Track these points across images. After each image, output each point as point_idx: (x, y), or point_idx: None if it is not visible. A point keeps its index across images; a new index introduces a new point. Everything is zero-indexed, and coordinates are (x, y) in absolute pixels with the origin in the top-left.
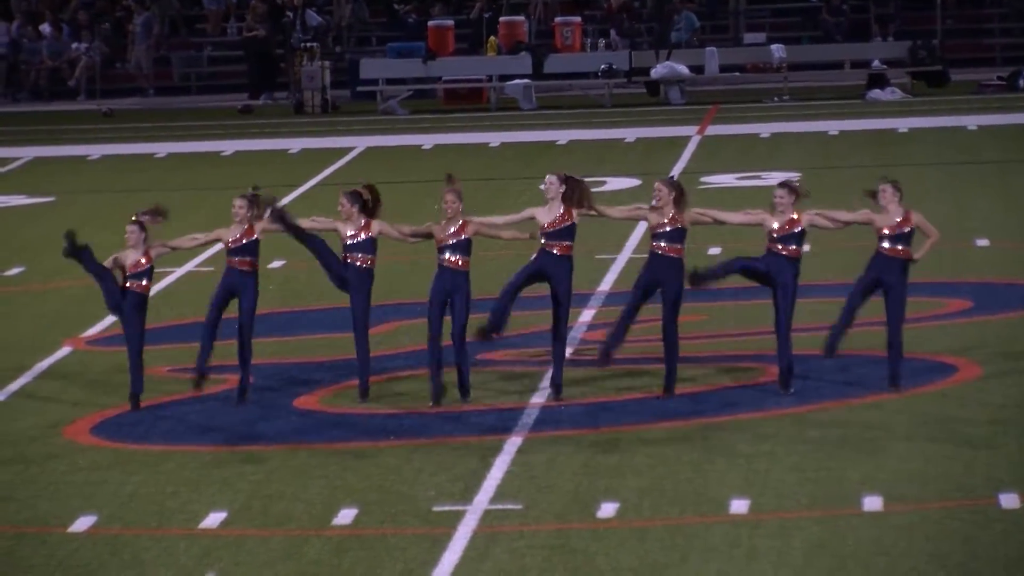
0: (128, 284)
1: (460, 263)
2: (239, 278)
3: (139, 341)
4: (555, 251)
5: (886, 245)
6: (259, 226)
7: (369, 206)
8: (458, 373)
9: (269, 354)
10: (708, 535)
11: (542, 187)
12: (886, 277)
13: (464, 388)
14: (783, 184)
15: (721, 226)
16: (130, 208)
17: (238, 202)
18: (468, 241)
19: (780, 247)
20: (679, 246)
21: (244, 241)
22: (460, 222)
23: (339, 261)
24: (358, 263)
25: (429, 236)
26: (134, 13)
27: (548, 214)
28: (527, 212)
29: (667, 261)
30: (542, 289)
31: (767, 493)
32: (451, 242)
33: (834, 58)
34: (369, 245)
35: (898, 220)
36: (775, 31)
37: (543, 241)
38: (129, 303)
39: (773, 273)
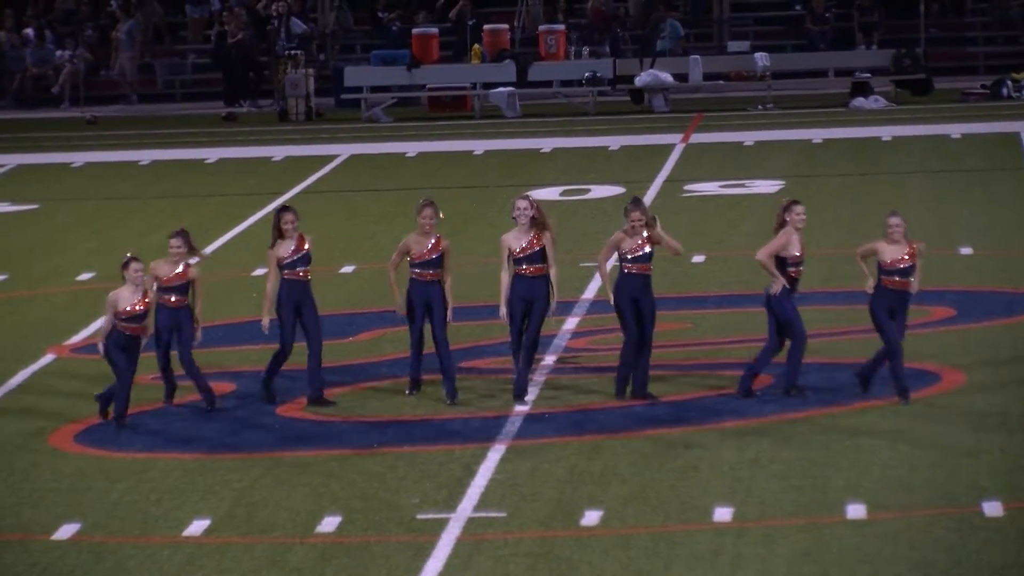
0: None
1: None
2: (174, 316)
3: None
4: (528, 273)
5: (897, 278)
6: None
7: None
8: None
9: (252, 362)
10: (692, 543)
11: (515, 214)
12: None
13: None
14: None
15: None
16: (114, 215)
17: (174, 242)
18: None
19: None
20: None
21: (179, 282)
22: (435, 238)
23: None
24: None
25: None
26: (118, 20)
27: (518, 240)
28: (503, 243)
29: (645, 279)
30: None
31: (751, 501)
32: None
33: (818, 66)
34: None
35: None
36: (759, 39)
37: (523, 268)
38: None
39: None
